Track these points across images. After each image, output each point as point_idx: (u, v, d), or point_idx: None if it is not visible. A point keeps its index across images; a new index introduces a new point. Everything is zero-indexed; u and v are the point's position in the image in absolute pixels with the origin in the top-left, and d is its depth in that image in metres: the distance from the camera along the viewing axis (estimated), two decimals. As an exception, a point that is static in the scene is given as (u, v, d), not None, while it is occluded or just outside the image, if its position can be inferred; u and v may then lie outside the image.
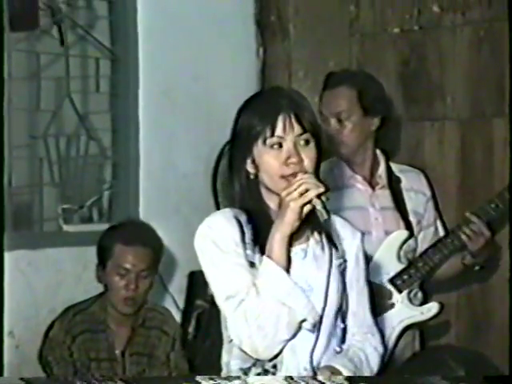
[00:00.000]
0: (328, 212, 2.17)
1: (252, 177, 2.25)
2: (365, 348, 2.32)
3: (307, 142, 2.22)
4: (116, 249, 3.33)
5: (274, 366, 2.22)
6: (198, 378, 2.24)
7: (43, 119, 3.92)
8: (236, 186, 2.27)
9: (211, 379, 2.22)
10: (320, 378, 2.23)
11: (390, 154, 3.37)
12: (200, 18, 4.14)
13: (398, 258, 3.15)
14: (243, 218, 2.23)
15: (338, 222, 2.35)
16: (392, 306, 3.12)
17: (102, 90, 4.07)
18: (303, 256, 2.26)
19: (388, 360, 3.09)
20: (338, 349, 2.29)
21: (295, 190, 2.15)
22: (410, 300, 3.14)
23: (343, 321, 2.31)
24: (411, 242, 3.19)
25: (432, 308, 3.14)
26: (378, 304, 3.07)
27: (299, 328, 2.19)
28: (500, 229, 3.43)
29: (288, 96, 2.27)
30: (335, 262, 2.28)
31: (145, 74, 3.99)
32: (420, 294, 3.20)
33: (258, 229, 2.22)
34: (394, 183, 3.24)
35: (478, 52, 3.89)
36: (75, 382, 2.89)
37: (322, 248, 2.28)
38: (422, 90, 4.01)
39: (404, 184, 3.26)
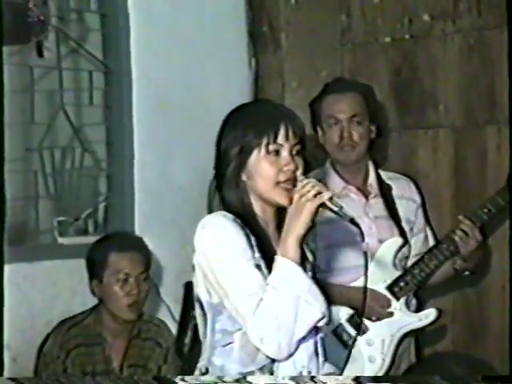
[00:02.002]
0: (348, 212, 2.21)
1: (243, 184, 2.28)
2: None
3: (299, 153, 2.28)
4: (111, 258, 3.33)
5: (272, 371, 2.24)
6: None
7: (38, 132, 3.93)
8: (229, 194, 2.29)
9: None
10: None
11: (382, 163, 3.38)
12: (192, 30, 4.16)
13: (394, 265, 3.16)
14: (240, 222, 2.25)
15: None
16: (391, 314, 3.13)
17: (95, 102, 4.08)
18: None
19: (389, 367, 3.12)
20: (322, 359, 2.33)
21: (309, 191, 2.19)
22: (408, 307, 3.16)
23: (322, 330, 2.34)
24: (404, 249, 3.20)
25: (430, 314, 3.16)
26: (378, 312, 3.10)
27: (315, 327, 2.22)
28: (492, 233, 3.45)
29: (282, 107, 2.37)
30: (309, 266, 2.33)
31: (138, 86, 4.00)
32: (414, 301, 3.22)
33: (255, 233, 2.24)
34: (385, 191, 3.25)
35: (469, 60, 3.91)
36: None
37: (303, 254, 2.31)
38: (414, 98, 4.03)
39: (395, 191, 3.27)
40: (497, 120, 3.83)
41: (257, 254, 2.22)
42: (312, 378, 2.28)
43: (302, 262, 2.24)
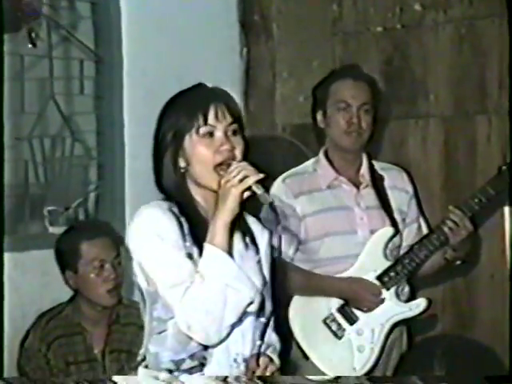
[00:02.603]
0: (270, 196, 2.20)
1: (182, 171, 2.29)
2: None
3: (235, 132, 2.28)
4: (83, 247, 3.31)
5: (204, 358, 2.25)
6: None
7: (28, 121, 3.92)
8: (167, 181, 2.31)
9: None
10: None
11: (373, 153, 3.38)
12: (184, 19, 4.15)
13: (385, 255, 3.17)
14: (176, 211, 2.26)
15: (249, 219, 2.39)
16: (383, 300, 3.13)
17: (86, 91, 4.07)
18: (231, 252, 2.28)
19: (378, 357, 3.13)
20: (259, 342, 2.32)
21: (234, 176, 2.19)
22: (398, 297, 3.16)
23: (264, 315, 2.34)
24: (396, 239, 3.21)
25: (420, 304, 3.16)
26: (369, 301, 3.11)
27: (245, 312, 2.23)
28: (482, 223, 3.46)
29: (214, 89, 2.32)
30: (255, 259, 2.34)
31: (129, 76, 3.99)
32: (407, 290, 3.22)
33: (191, 221, 2.25)
34: (377, 181, 3.25)
35: (460, 50, 3.92)
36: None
37: (246, 245, 2.33)
38: (405, 87, 4.03)
39: (387, 182, 3.27)
40: (487, 110, 3.84)
41: (188, 243, 2.22)
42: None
43: (250, 246, 2.23)
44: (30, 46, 3.91)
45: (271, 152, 4.01)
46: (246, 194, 2.20)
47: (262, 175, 2.20)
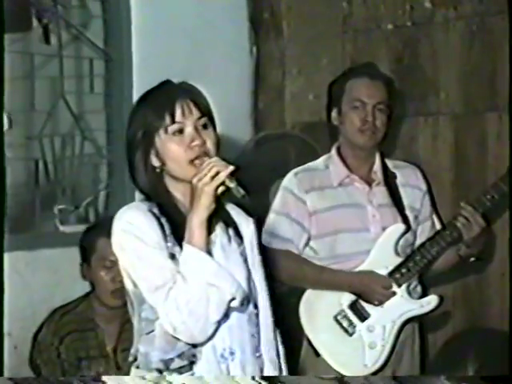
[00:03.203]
0: (244, 189, 2.20)
1: (158, 170, 2.28)
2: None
3: (205, 126, 2.28)
4: (99, 243, 3.33)
5: (194, 356, 2.25)
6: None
7: (38, 120, 3.93)
8: (142, 181, 2.30)
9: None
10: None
11: (384, 150, 3.38)
12: (193, 18, 4.15)
13: (396, 251, 3.16)
14: (156, 211, 2.26)
15: (232, 209, 2.39)
16: (394, 293, 3.13)
17: (96, 90, 4.07)
18: (212, 247, 2.28)
19: (389, 354, 3.12)
20: (255, 334, 2.33)
21: (206, 174, 2.19)
22: (410, 293, 3.16)
23: (255, 306, 2.35)
24: (409, 236, 3.20)
25: (431, 301, 3.15)
26: (380, 293, 3.11)
27: (228, 308, 2.23)
28: (495, 220, 3.45)
29: (180, 86, 2.32)
30: (238, 250, 2.34)
31: (138, 74, 4.00)
32: (419, 288, 3.21)
33: (172, 221, 2.25)
34: (389, 179, 3.24)
35: (471, 47, 3.90)
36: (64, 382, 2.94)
37: (228, 236, 2.33)
38: (415, 85, 4.02)
39: (400, 180, 3.26)
40: (497, 107, 3.83)
41: (170, 243, 2.23)
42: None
43: (232, 243, 2.24)
44: (44, 43, 3.92)
45: (283, 149, 4.00)
46: (220, 189, 2.20)
47: (232, 168, 2.19)
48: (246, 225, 2.40)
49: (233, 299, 2.21)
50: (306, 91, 4.27)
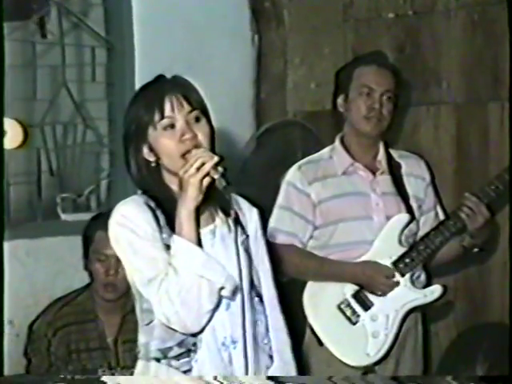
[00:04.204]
0: (227, 180, 2.21)
1: (153, 164, 2.29)
2: None
3: (198, 119, 2.28)
4: (96, 236, 3.33)
5: (194, 344, 2.27)
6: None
7: (40, 108, 3.92)
8: (137, 176, 2.32)
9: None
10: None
11: (387, 140, 3.37)
12: (195, 6, 4.14)
13: (400, 241, 3.16)
14: (153, 204, 2.27)
15: (235, 200, 2.40)
16: (397, 283, 3.13)
17: (97, 78, 4.07)
18: (212, 237, 2.31)
19: (392, 344, 3.13)
20: (259, 322, 2.35)
21: (191, 165, 2.20)
22: (413, 283, 3.16)
23: (258, 295, 2.37)
24: (412, 226, 3.20)
25: (435, 291, 3.15)
26: (383, 284, 3.11)
27: (220, 297, 2.24)
28: (499, 211, 3.44)
29: (170, 80, 2.32)
30: (239, 239, 2.34)
31: (140, 63, 3.99)
32: (423, 277, 3.21)
33: (168, 213, 2.27)
34: (394, 169, 3.24)
35: (473, 36, 3.90)
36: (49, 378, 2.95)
37: (228, 226, 2.34)
38: (417, 74, 4.01)
39: (404, 169, 3.26)
40: (500, 97, 3.82)
41: (165, 235, 2.24)
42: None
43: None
44: (41, 38, 3.92)
45: (287, 137, 4.00)
46: (206, 180, 2.21)
47: (216, 158, 2.20)
48: (249, 215, 2.41)
49: (222, 288, 2.23)
50: (308, 80, 4.26)
